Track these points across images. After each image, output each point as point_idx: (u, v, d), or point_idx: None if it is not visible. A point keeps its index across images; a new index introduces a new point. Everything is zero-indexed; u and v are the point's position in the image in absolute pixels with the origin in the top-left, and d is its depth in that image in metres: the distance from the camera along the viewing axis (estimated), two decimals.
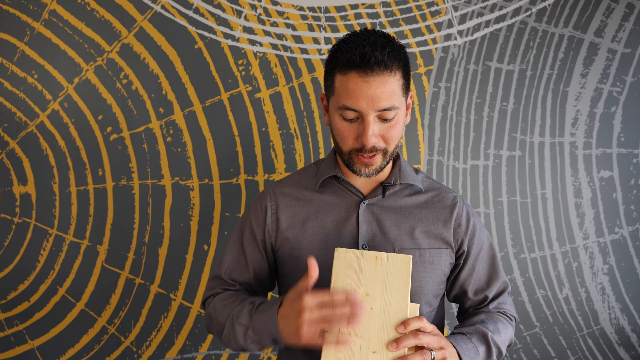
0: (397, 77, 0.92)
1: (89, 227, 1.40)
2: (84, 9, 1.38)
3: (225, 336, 0.97)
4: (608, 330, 1.49)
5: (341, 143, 0.97)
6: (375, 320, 0.85)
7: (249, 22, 1.41)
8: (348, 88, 0.90)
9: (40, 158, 1.38)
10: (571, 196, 1.47)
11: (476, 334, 0.99)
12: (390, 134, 0.94)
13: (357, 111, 0.91)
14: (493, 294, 1.08)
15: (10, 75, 1.37)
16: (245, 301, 0.97)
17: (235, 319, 0.94)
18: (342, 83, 0.92)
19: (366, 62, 0.88)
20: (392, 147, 0.96)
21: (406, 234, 1.01)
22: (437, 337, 0.87)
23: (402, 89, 0.94)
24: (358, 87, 0.89)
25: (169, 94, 1.40)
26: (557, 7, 1.45)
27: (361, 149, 0.94)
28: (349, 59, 0.90)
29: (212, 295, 1.07)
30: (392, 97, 0.91)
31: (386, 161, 0.98)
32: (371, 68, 0.88)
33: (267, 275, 1.08)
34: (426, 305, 1.02)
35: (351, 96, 0.90)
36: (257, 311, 0.92)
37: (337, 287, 0.87)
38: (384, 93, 0.90)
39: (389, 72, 0.90)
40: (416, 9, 1.44)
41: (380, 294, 0.86)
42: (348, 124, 0.94)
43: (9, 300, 1.39)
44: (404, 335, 0.84)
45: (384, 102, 0.90)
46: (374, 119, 0.92)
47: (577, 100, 1.47)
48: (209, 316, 1.03)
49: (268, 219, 1.05)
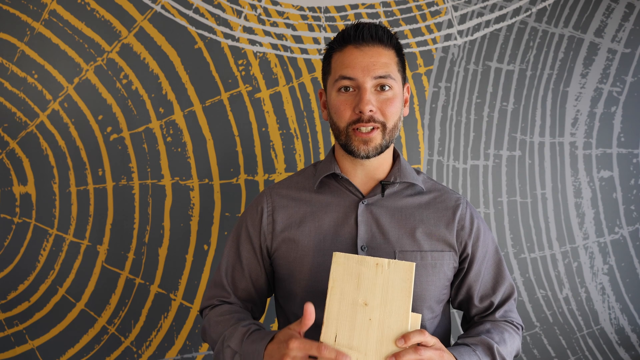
0: (391, 54, 0.97)
1: (89, 227, 1.40)
2: (84, 9, 1.38)
3: (215, 354, 0.96)
4: (608, 330, 1.49)
5: (339, 119, 0.97)
6: (373, 333, 0.80)
7: (249, 22, 1.41)
8: (344, 60, 0.96)
9: (40, 158, 1.38)
10: (571, 196, 1.47)
11: (481, 345, 0.94)
12: (388, 108, 0.95)
13: (354, 79, 0.94)
14: (499, 300, 1.04)
15: (10, 75, 1.37)
16: (239, 323, 0.94)
17: (226, 341, 0.92)
18: (338, 58, 0.97)
19: (360, 33, 0.95)
20: (390, 122, 0.96)
21: (407, 236, 0.98)
22: (440, 352, 0.83)
23: (397, 65, 0.98)
24: (354, 56, 0.95)
25: (169, 94, 1.40)
26: (557, 7, 1.45)
27: (359, 120, 0.94)
28: (344, 34, 0.97)
29: (210, 306, 1.05)
30: (387, 67, 0.95)
31: (385, 140, 0.96)
32: (365, 39, 0.95)
33: (265, 281, 1.06)
34: (428, 311, 0.98)
35: (347, 66, 0.95)
36: (248, 339, 0.89)
37: (334, 294, 0.83)
38: (379, 62, 0.95)
39: (383, 45, 0.96)
40: (416, 9, 1.44)
41: (379, 303, 0.81)
42: (345, 97, 0.96)
43: (9, 300, 1.39)
44: (404, 349, 0.79)
45: (379, 70, 0.94)
46: (370, 88, 0.94)
47: (577, 100, 1.47)
48: (204, 329, 1.02)
49: (264, 220, 1.03)
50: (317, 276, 0.95)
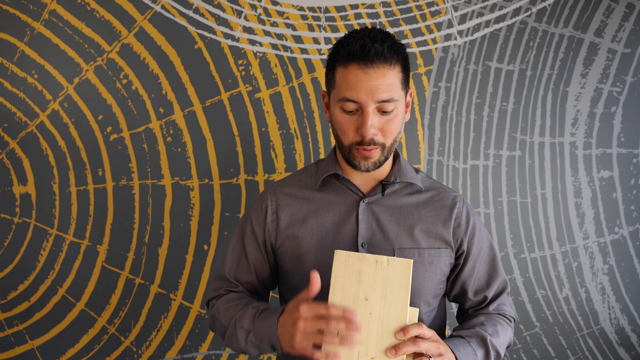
0: (397, 71, 0.94)
1: (89, 227, 1.40)
2: (84, 9, 1.38)
3: (228, 338, 0.99)
4: (608, 330, 1.49)
5: (342, 137, 0.98)
6: (374, 326, 0.85)
7: (249, 22, 1.41)
8: (348, 80, 0.93)
9: (40, 158, 1.38)
10: (571, 196, 1.47)
11: (475, 337, 0.99)
12: (389, 127, 0.95)
13: (357, 102, 0.93)
14: (492, 294, 1.08)
15: (10, 75, 1.37)
16: (249, 305, 0.98)
17: (238, 322, 0.96)
18: (342, 75, 0.94)
19: (366, 54, 0.91)
20: (389, 141, 0.97)
21: (405, 233, 1.01)
22: (436, 344, 0.87)
23: (401, 82, 0.96)
24: (358, 78, 0.92)
25: (169, 94, 1.40)
26: (557, 7, 1.45)
27: (361, 142, 0.95)
28: (349, 51, 0.92)
29: (216, 296, 1.08)
30: (391, 89, 0.93)
31: (384, 156, 0.98)
32: (371, 60, 0.91)
33: (269, 275, 1.09)
34: (425, 305, 1.02)
35: (351, 87, 0.92)
36: (260, 317, 0.93)
37: (336, 290, 0.86)
38: (384, 85, 0.92)
39: (389, 64, 0.92)
40: (416, 9, 1.44)
41: (379, 298, 0.86)
42: (348, 117, 0.96)
43: (9, 300, 1.39)
44: (403, 341, 0.84)
45: (383, 94, 0.92)
46: (373, 111, 0.94)
47: (577, 100, 1.47)
48: (213, 318, 1.05)
49: (268, 218, 1.05)
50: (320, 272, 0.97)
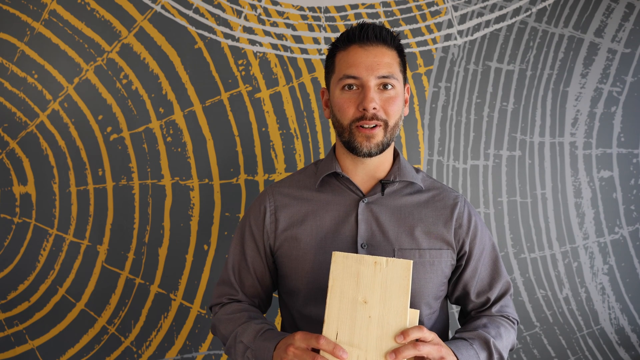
0: (394, 54, 0.99)
1: (89, 227, 1.40)
2: (84, 9, 1.38)
3: (227, 348, 1.00)
4: (608, 330, 1.49)
5: (342, 117, 0.98)
6: (373, 329, 0.82)
7: (249, 22, 1.41)
8: (349, 59, 0.98)
9: (40, 158, 1.38)
10: (571, 196, 1.47)
11: (478, 339, 0.97)
12: (390, 106, 0.97)
13: (358, 77, 0.96)
14: (495, 296, 1.06)
15: (10, 75, 1.37)
16: (252, 320, 0.98)
17: (239, 336, 0.96)
18: (342, 57, 0.99)
19: (364, 33, 0.97)
20: (392, 120, 0.98)
21: (405, 234, 1.00)
22: (438, 347, 0.85)
23: (399, 66, 1.00)
24: (358, 55, 0.97)
25: (169, 94, 1.40)
26: (557, 7, 1.45)
27: (362, 117, 0.96)
28: (349, 34, 0.99)
29: (219, 304, 1.08)
30: (390, 67, 0.97)
31: (386, 138, 0.98)
32: (369, 39, 0.97)
33: (269, 278, 1.09)
34: (426, 307, 1.00)
35: (351, 65, 0.97)
36: (261, 336, 0.93)
37: (334, 293, 0.85)
38: (383, 62, 0.97)
39: (386, 46, 0.98)
40: (416, 9, 1.44)
41: (378, 301, 0.83)
42: (348, 95, 0.98)
43: (9, 300, 1.39)
44: (403, 345, 0.82)
45: (383, 70, 0.96)
46: (374, 87, 0.96)
47: (577, 100, 1.47)
48: (214, 326, 1.06)
49: (267, 220, 1.05)
50: (319, 273, 0.97)
